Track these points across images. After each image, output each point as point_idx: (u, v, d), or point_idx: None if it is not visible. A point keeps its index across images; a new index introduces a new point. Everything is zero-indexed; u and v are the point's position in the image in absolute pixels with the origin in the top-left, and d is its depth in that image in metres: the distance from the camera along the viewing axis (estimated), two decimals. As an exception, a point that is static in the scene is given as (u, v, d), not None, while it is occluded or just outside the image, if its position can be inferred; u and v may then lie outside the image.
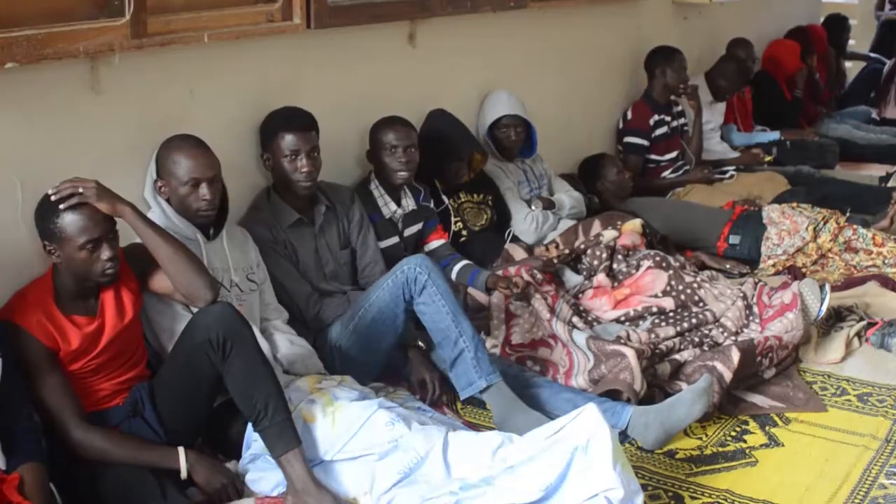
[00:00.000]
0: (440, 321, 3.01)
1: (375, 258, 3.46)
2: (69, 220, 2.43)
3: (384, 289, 3.07)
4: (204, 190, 2.81)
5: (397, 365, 3.26)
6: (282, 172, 3.21)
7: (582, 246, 4.04)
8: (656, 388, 3.21)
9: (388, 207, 3.62)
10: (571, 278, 3.96)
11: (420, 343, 3.23)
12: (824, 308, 3.58)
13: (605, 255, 3.94)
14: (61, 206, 2.43)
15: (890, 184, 5.52)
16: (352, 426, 2.58)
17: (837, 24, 7.77)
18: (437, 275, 3.04)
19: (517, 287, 3.49)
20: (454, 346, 2.99)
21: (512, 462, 2.42)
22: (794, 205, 4.63)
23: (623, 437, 2.96)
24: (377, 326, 3.11)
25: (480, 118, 4.34)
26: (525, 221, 4.21)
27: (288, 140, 3.18)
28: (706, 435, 3.06)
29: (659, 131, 5.20)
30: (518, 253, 4.08)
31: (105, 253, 2.47)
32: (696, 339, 3.51)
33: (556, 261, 3.89)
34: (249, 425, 2.54)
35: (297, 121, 3.23)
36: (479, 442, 2.54)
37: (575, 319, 3.55)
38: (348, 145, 3.70)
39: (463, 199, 4.05)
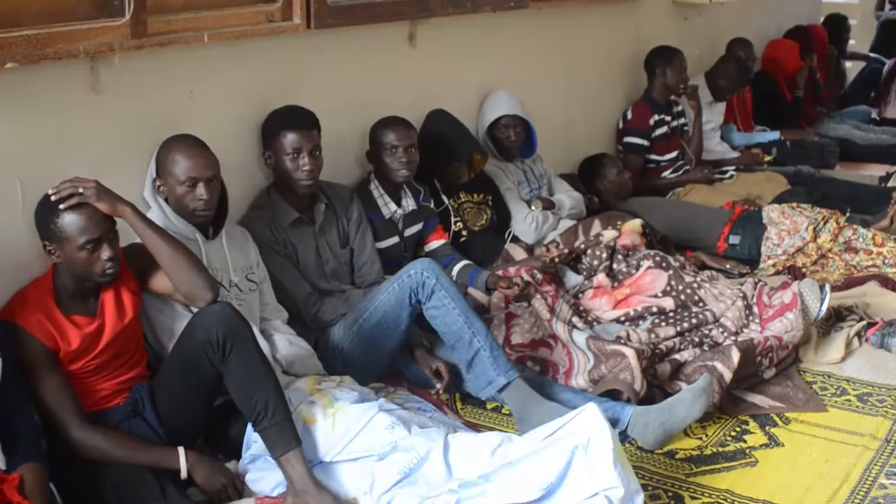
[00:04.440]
0: (452, 323, 3.01)
1: (372, 258, 3.46)
2: (69, 221, 2.43)
3: (389, 293, 3.07)
4: (201, 190, 2.81)
5: (399, 365, 3.26)
6: (283, 171, 3.21)
7: (582, 246, 4.04)
8: (656, 388, 3.21)
9: (389, 207, 3.61)
10: (571, 278, 3.96)
11: (425, 342, 3.23)
12: (824, 308, 3.57)
13: (605, 255, 3.94)
14: (61, 206, 2.43)
15: (890, 184, 5.53)
16: (352, 428, 2.58)
17: (837, 24, 7.77)
18: (445, 278, 3.05)
19: (517, 287, 3.49)
20: (469, 347, 2.99)
21: (511, 458, 2.42)
22: (794, 205, 4.63)
23: (623, 437, 2.96)
24: (381, 330, 3.11)
25: (480, 118, 4.34)
26: (525, 221, 4.21)
27: (290, 138, 3.18)
28: (706, 435, 3.06)
29: (659, 131, 5.20)
30: (518, 253, 4.08)
31: (105, 253, 2.47)
32: (696, 339, 3.51)
33: (556, 261, 3.89)
34: (249, 425, 2.54)
35: (300, 119, 3.23)
36: (479, 442, 2.54)
37: (575, 319, 3.55)
38: (348, 145, 3.70)
39: (463, 200, 4.05)
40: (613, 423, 2.94)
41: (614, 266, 3.94)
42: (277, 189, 3.29)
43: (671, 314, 3.68)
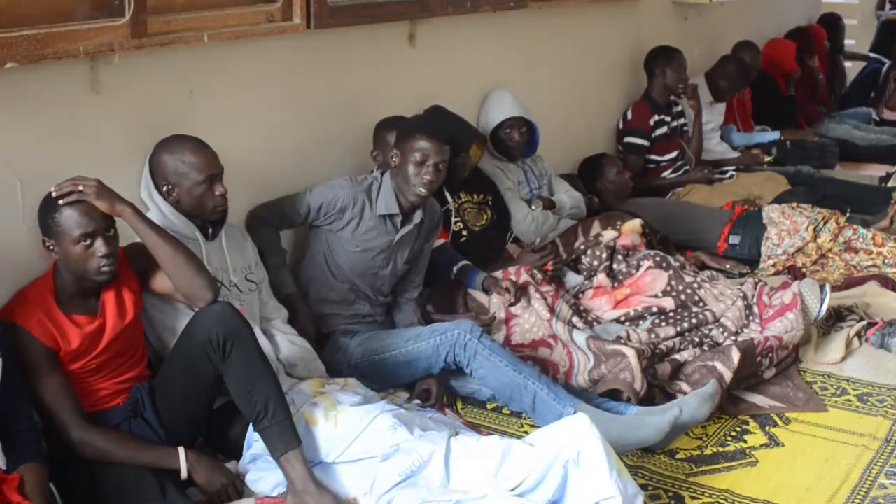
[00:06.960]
0: (503, 376, 3.01)
1: (421, 280, 3.50)
2: (66, 215, 2.44)
3: (428, 343, 3.09)
4: (219, 185, 2.84)
5: None
6: (403, 174, 3.21)
7: (582, 246, 4.04)
8: (656, 388, 3.21)
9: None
10: (571, 278, 3.96)
11: None
12: (824, 308, 3.58)
13: (605, 256, 3.94)
14: (60, 202, 2.44)
15: (890, 184, 5.53)
16: (354, 430, 2.57)
17: (831, 24, 7.76)
18: (487, 338, 3.07)
19: (507, 293, 3.49)
20: (526, 392, 2.99)
21: (513, 484, 2.42)
22: (794, 205, 4.64)
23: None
24: (404, 369, 3.14)
25: (483, 119, 4.33)
26: (525, 221, 4.21)
27: (422, 145, 3.18)
28: (706, 435, 3.06)
29: (659, 131, 5.20)
30: (518, 253, 4.08)
31: (100, 249, 2.46)
32: (696, 339, 3.51)
33: (552, 265, 3.88)
34: (250, 425, 2.54)
35: (438, 130, 3.24)
36: (481, 453, 2.52)
37: (575, 319, 3.55)
38: (347, 145, 3.69)
39: (463, 199, 4.05)
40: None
41: (614, 266, 3.94)
42: (394, 181, 3.28)
43: (671, 314, 3.68)
